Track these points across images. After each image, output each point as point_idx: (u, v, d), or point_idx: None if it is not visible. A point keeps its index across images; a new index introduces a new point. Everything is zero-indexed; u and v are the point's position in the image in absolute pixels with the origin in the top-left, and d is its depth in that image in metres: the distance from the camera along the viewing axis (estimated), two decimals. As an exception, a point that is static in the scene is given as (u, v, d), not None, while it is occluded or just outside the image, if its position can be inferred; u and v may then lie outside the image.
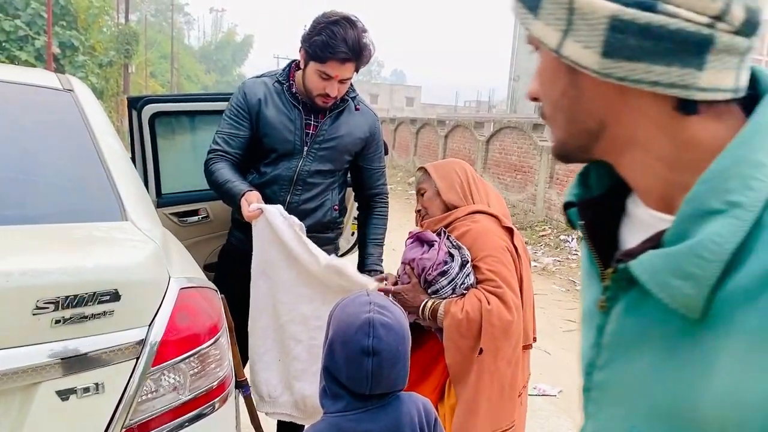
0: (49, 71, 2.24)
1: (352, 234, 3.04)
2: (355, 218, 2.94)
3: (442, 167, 2.15)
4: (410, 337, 1.40)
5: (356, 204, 2.76)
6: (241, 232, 2.47)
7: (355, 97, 2.45)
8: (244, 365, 2.16)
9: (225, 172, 2.29)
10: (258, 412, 2.16)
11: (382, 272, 2.47)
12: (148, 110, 2.69)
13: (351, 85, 2.42)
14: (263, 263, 2.22)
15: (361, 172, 2.57)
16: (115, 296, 1.30)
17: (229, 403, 1.59)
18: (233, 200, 2.24)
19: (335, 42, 2.15)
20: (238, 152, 2.36)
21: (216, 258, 2.67)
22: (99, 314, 1.29)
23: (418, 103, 73.86)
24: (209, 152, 2.36)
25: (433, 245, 1.92)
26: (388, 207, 2.67)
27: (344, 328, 1.34)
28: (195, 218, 2.86)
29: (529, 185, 12.34)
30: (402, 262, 2.02)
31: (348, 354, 1.32)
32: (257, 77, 2.45)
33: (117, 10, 34.22)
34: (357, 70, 2.28)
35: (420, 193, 2.16)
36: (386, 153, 2.84)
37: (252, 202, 2.16)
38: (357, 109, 2.44)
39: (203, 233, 2.86)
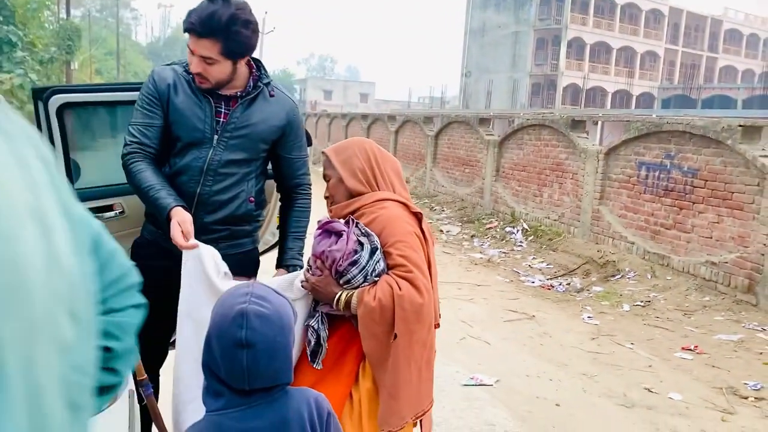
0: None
1: (278, 227, 2.97)
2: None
3: (342, 152, 2.09)
4: (292, 327, 1.35)
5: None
6: (154, 226, 2.39)
7: (269, 83, 2.35)
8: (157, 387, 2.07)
9: (147, 174, 2.19)
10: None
11: (302, 267, 2.42)
12: (56, 101, 2.56)
13: (264, 70, 2.34)
14: (190, 302, 2.13)
15: (280, 162, 2.48)
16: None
17: (120, 402, 1.51)
18: (158, 212, 2.16)
19: (190, 14, 2.10)
20: (155, 143, 2.27)
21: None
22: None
23: (372, 99, 73.78)
24: (125, 146, 2.26)
25: (341, 235, 1.88)
26: (310, 199, 2.57)
27: (219, 320, 1.29)
28: (111, 213, 2.75)
29: (476, 179, 12.44)
30: (312, 255, 1.97)
31: (223, 347, 1.26)
32: (167, 64, 2.36)
33: (58, 5, 33.11)
34: (228, 56, 2.14)
35: (326, 179, 2.12)
36: (309, 144, 2.79)
37: (186, 228, 2.08)
38: (272, 96, 2.35)
39: (120, 229, 2.74)
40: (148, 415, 2.11)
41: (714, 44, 54.96)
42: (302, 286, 1.98)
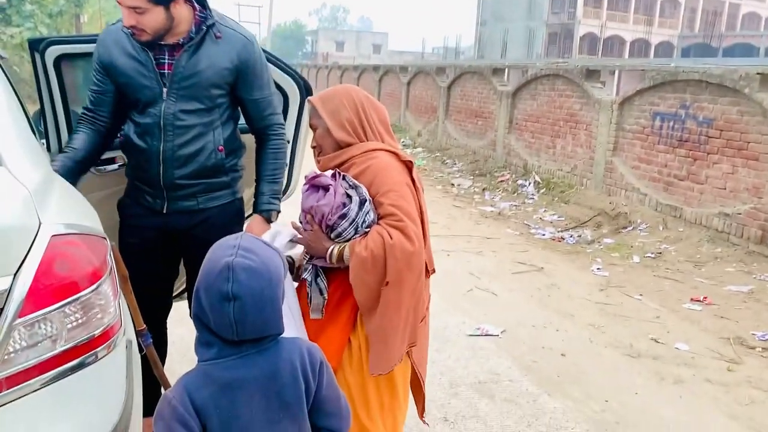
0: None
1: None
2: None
3: (329, 101, 2.03)
4: (281, 279, 1.35)
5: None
6: (131, 180, 2.43)
7: (213, 24, 2.22)
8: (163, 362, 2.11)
9: (70, 142, 2.27)
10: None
11: (278, 211, 2.39)
12: (52, 52, 2.53)
13: (208, 11, 2.23)
14: None
15: (244, 105, 2.38)
16: (-29, 243, 1.22)
17: (117, 352, 1.53)
18: None
19: None
20: (104, 113, 2.30)
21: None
22: (-48, 263, 1.21)
23: (386, 50, 72.70)
24: (81, 113, 2.33)
25: (328, 189, 1.87)
26: (282, 140, 2.46)
27: (206, 273, 1.29)
28: (114, 166, 2.75)
29: (489, 131, 12.29)
30: (302, 211, 1.97)
31: (211, 300, 1.27)
32: (112, 24, 2.30)
33: (66, -45, 32.59)
34: (156, 1, 2.06)
35: (312, 129, 2.09)
36: (309, 93, 2.74)
37: None
38: (218, 37, 2.23)
39: (122, 182, 2.75)
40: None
41: (737, -10, 53.18)
42: (295, 241, 1.98)
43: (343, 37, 73.21)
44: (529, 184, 9.84)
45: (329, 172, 1.93)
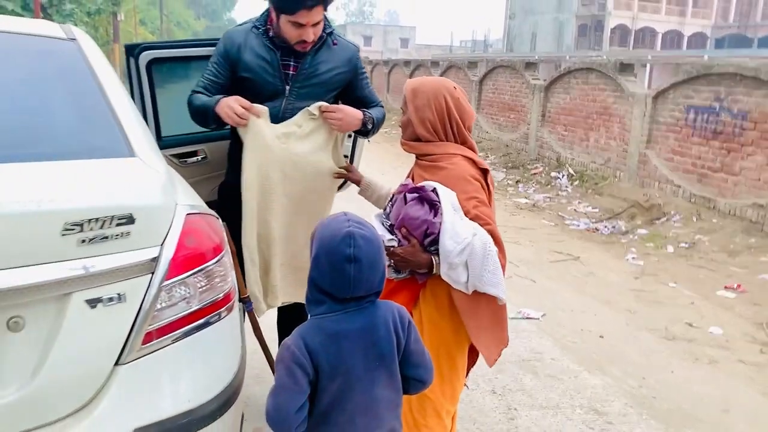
0: (49, 21, 2.38)
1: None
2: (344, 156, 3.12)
3: (418, 96, 2.14)
4: (384, 248, 1.62)
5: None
6: (236, 169, 2.67)
7: (331, 32, 2.55)
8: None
9: (201, 98, 2.47)
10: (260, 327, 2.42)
11: (372, 118, 2.62)
12: (145, 57, 2.84)
13: (326, 20, 2.53)
14: (255, 180, 2.41)
15: (358, 102, 2.69)
16: (130, 219, 1.50)
17: (234, 313, 1.82)
18: (207, 110, 2.39)
19: None
20: (216, 93, 2.51)
21: (215, 196, 2.87)
22: (117, 235, 1.49)
23: (413, 44, 72.66)
24: (191, 93, 2.54)
25: (435, 206, 1.98)
26: (385, 113, 2.81)
27: (328, 240, 1.56)
28: (195, 159, 3.05)
29: (521, 124, 12.45)
30: (402, 218, 2.04)
31: (332, 263, 1.53)
32: (239, 26, 2.59)
33: (102, -45, 33.32)
34: (326, 9, 2.39)
35: (402, 111, 2.25)
36: None
37: (235, 104, 2.32)
38: (335, 44, 2.56)
39: (203, 173, 3.05)
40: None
41: (774, -22, 52.04)
42: (390, 256, 2.02)
43: (370, 32, 73.41)
44: (563, 176, 10.00)
45: (429, 185, 2.02)
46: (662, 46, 47.63)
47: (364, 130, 2.64)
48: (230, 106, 2.33)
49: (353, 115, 2.53)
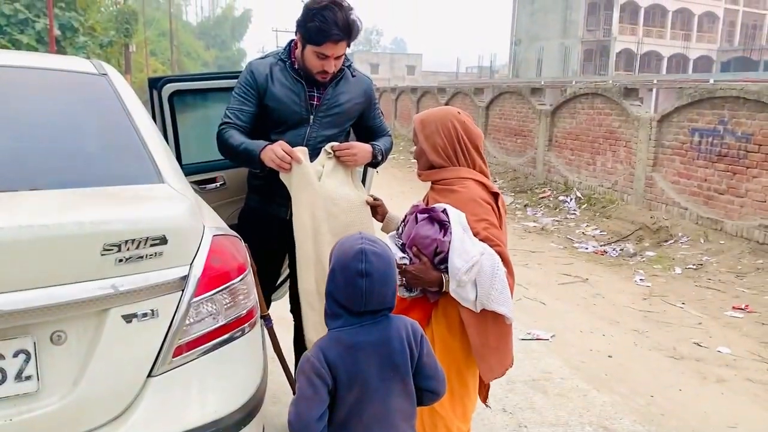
0: (81, 58, 2.54)
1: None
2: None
3: (428, 125, 2.26)
4: (395, 264, 1.73)
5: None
6: (257, 195, 2.80)
7: (350, 65, 2.73)
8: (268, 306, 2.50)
9: (237, 136, 2.56)
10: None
11: (381, 150, 2.73)
12: (168, 89, 2.99)
13: (345, 54, 2.69)
14: (308, 221, 2.47)
15: (369, 130, 2.88)
16: (163, 240, 1.62)
17: (256, 329, 1.93)
18: (251, 156, 2.49)
19: (328, 26, 2.43)
20: (246, 125, 2.64)
21: (234, 220, 3.00)
22: (151, 255, 1.61)
23: (420, 71, 73.38)
24: (221, 125, 2.64)
25: (444, 225, 2.08)
26: (392, 143, 2.97)
27: (342, 257, 1.67)
28: (213, 185, 3.18)
29: (528, 149, 12.59)
30: (413, 237, 2.13)
31: (346, 277, 1.65)
32: (261, 58, 2.74)
33: (114, -11, 34.14)
34: (349, 45, 2.56)
35: (414, 143, 2.37)
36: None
37: (284, 147, 2.42)
38: (354, 76, 2.74)
39: (221, 199, 3.17)
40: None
41: (777, 2, 52.48)
42: (402, 274, 2.10)
43: (377, 60, 74.29)
44: (571, 199, 10.10)
45: (440, 206, 2.11)
46: (668, 69, 47.94)
47: (375, 162, 2.77)
48: (274, 150, 2.43)
49: (364, 149, 2.65)
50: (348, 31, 2.49)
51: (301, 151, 2.47)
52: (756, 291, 5.93)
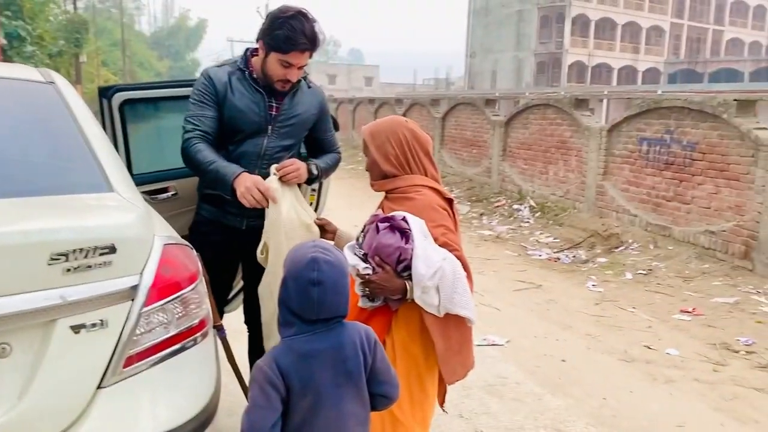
0: (28, 66, 2.49)
1: (310, 204, 3.34)
2: (312, 190, 3.25)
3: (377, 136, 2.32)
4: (348, 273, 1.74)
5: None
6: (210, 205, 2.77)
7: (306, 77, 2.75)
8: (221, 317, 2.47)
9: (206, 153, 2.51)
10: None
11: (317, 167, 2.73)
12: (118, 98, 2.95)
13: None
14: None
15: (318, 143, 2.89)
16: (112, 250, 1.60)
17: (209, 339, 1.91)
18: (223, 180, 2.45)
19: (296, 35, 2.44)
20: (212, 130, 2.59)
21: (186, 231, 2.96)
22: (100, 264, 1.59)
23: (377, 82, 73.77)
24: (185, 134, 2.57)
25: (406, 233, 2.10)
26: (340, 160, 2.99)
27: (295, 265, 1.67)
28: (165, 195, 3.14)
29: (484, 159, 12.77)
30: (376, 247, 2.13)
31: (298, 285, 1.65)
32: (218, 66, 2.72)
33: (64, -3, 33.39)
34: (311, 56, 2.59)
35: (365, 154, 2.40)
36: (337, 129, 3.16)
37: (262, 187, 2.39)
38: (309, 88, 2.76)
39: (174, 209, 3.13)
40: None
41: (720, 17, 54.66)
42: (366, 284, 2.12)
43: (335, 71, 74.37)
44: (525, 208, 10.27)
45: (399, 214, 2.13)
46: (618, 81, 49.33)
47: (310, 179, 2.73)
48: (248, 188, 2.39)
49: (303, 164, 2.63)
50: (314, 41, 2.51)
51: (276, 192, 2.45)
52: (702, 294, 6.13)
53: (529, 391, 3.87)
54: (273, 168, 2.54)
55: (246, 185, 2.40)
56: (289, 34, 2.45)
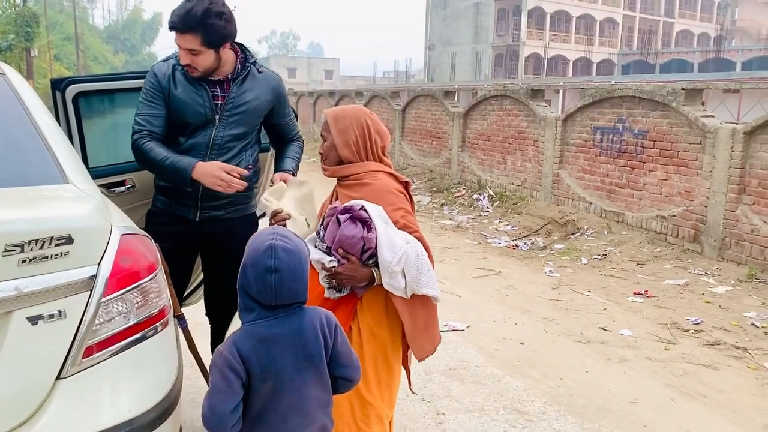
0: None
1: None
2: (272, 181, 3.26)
3: (341, 120, 2.30)
4: (308, 260, 1.77)
5: (273, 166, 3.07)
6: (164, 196, 2.77)
7: (255, 62, 2.71)
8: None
9: (158, 149, 2.52)
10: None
11: (293, 171, 2.78)
12: (72, 90, 2.90)
13: (248, 52, 2.70)
14: None
15: (276, 129, 2.89)
16: (69, 240, 1.60)
17: (169, 328, 1.92)
18: (181, 174, 2.47)
19: (171, 13, 2.46)
20: (160, 129, 2.60)
21: (143, 224, 2.95)
22: (57, 255, 1.59)
23: (337, 75, 73.50)
24: (134, 134, 2.58)
25: (367, 222, 2.13)
26: (303, 145, 3.02)
27: (253, 252, 1.70)
28: (122, 188, 3.11)
29: (444, 150, 12.89)
30: (339, 239, 2.14)
31: (256, 272, 1.68)
32: (163, 61, 2.71)
33: (12, -10, 32.30)
34: (210, 45, 2.48)
35: (322, 138, 2.40)
36: (296, 119, 3.18)
37: (220, 173, 2.44)
38: (260, 73, 2.72)
39: (131, 201, 3.10)
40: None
41: (670, 9, 56.00)
42: (328, 277, 2.16)
43: (294, 64, 73.84)
44: (484, 198, 10.42)
45: (357, 203, 2.15)
46: (573, 72, 50.14)
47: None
48: (215, 176, 2.43)
49: (281, 176, 2.69)
50: (187, 23, 2.42)
51: (284, 195, 2.51)
52: (654, 277, 6.34)
53: (489, 374, 3.97)
54: (276, 176, 2.62)
55: (212, 174, 2.43)
56: (171, 11, 2.47)
